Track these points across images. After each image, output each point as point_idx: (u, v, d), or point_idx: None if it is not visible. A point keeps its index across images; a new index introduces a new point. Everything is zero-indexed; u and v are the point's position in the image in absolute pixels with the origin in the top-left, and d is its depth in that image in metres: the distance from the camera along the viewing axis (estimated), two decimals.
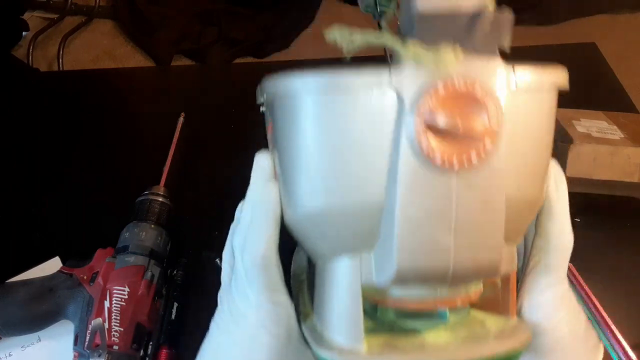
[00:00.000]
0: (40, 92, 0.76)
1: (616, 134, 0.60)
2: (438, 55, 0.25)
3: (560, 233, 0.32)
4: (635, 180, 0.58)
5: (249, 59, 1.58)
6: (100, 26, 1.73)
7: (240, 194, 0.67)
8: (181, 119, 0.63)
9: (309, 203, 0.28)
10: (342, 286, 0.29)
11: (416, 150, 0.25)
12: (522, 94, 0.27)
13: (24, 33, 1.59)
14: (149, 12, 1.61)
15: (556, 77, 0.29)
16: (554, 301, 0.32)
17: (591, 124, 0.62)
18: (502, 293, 0.33)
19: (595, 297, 0.52)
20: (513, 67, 0.26)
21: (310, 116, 0.27)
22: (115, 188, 0.63)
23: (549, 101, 0.30)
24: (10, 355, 0.49)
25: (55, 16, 1.68)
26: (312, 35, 1.70)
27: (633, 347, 0.49)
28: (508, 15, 0.26)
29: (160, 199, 0.54)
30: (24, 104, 0.74)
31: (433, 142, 0.25)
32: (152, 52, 1.61)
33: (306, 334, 0.31)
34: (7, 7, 1.45)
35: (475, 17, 0.25)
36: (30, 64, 1.54)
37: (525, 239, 0.34)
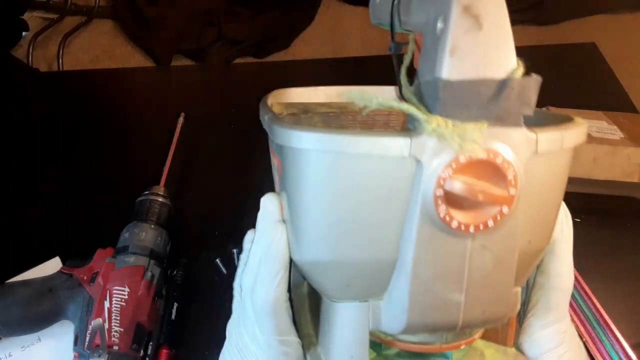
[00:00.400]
0: (40, 92, 0.76)
1: (616, 134, 0.60)
2: (463, 134, 0.24)
3: (562, 274, 0.33)
4: (635, 180, 0.58)
5: (249, 59, 1.58)
6: (100, 26, 1.73)
7: (241, 193, 0.67)
8: (181, 119, 0.63)
9: (317, 253, 0.28)
10: (349, 330, 0.30)
11: (432, 215, 0.25)
12: (541, 158, 0.26)
13: (23, 33, 1.59)
14: (148, 12, 1.61)
15: (577, 136, 0.28)
16: (554, 338, 0.33)
17: (591, 124, 0.62)
18: (501, 325, 0.34)
19: (595, 297, 0.52)
20: (537, 135, 0.26)
21: (324, 174, 0.26)
22: (115, 188, 0.63)
23: (567, 160, 0.29)
24: (10, 355, 0.49)
25: (55, 16, 1.68)
26: (312, 35, 1.70)
27: (633, 347, 0.49)
28: (536, 80, 0.25)
29: (160, 199, 0.54)
30: (24, 104, 0.74)
31: (450, 210, 0.25)
32: (152, 52, 1.61)
33: None
34: (7, 7, 1.45)
35: (502, 85, 0.25)
36: (30, 64, 1.54)
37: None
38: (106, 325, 0.44)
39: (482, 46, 0.24)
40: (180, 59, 1.61)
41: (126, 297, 0.46)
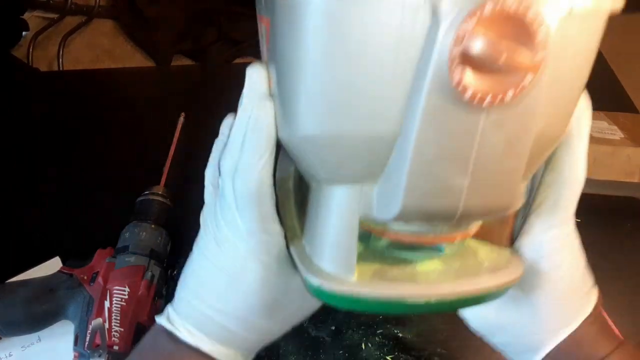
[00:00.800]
0: (40, 92, 0.76)
1: (616, 134, 0.60)
2: None
3: (576, 167, 0.30)
4: (636, 180, 0.58)
5: (250, 59, 1.58)
6: (100, 26, 1.73)
7: None
8: (181, 119, 0.63)
9: (310, 127, 0.24)
10: (338, 216, 0.26)
11: (445, 81, 0.21)
12: (575, 19, 0.22)
13: (24, 33, 1.59)
14: (149, 12, 1.61)
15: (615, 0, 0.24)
16: (556, 242, 0.31)
17: (591, 124, 0.62)
18: (497, 222, 0.31)
19: None
20: None
21: (323, 26, 0.21)
22: (115, 188, 0.63)
23: (600, 27, 0.25)
24: (10, 355, 0.49)
25: (55, 16, 1.68)
26: None
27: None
28: None
29: (161, 199, 0.54)
30: (24, 104, 0.74)
31: (467, 74, 0.21)
32: (152, 52, 1.61)
33: (294, 257, 0.29)
34: (7, 7, 1.45)
35: None
36: (30, 63, 1.54)
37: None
38: (106, 325, 0.45)
39: None
40: (181, 59, 1.61)
41: (126, 297, 0.46)
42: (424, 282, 0.28)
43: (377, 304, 0.27)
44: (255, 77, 0.27)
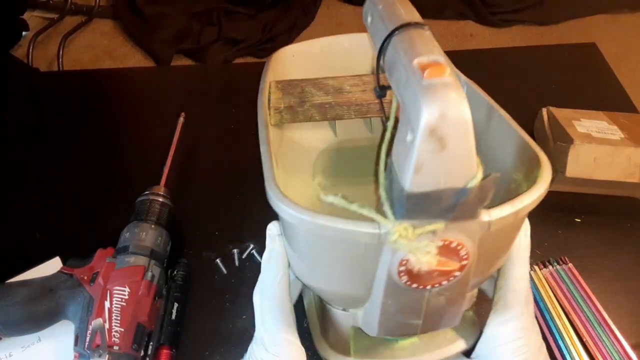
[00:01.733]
0: (40, 92, 0.76)
1: (616, 134, 0.60)
2: (417, 249, 0.28)
3: (519, 279, 0.38)
4: (636, 180, 0.58)
5: (249, 59, 1.58)
6: (100, 26, 1.73)
7: (241, 193, 0.67)
8: (181, 119, 0.63)
9: (302, 277, 0.38)
10: (337, 322, 0.40)
11: (397, 280, 0.30)
12: (495, 230, 0.30)
13: (23, 33, 1.59)
14: (148, 11, 1.61)
15: (532, 203, 0.32)
16: (512, 333, 0.38)
17: (591, 124, 0.62)
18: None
19: (595, 297, 0.52)
20: (490, 219, 0.29)
21: (306, 239, 0.32)
22: (116, 188, 0.63)
23: (520, 221, 0.34)
24: (10, 355, 0.49)
25: (55, 16, 1.68)
26: (312, 35, 1.69)
27: (633, 347, 0.49)
28: (493, 179, 0.27)
29: (161, 199, 0.54)
30: (24, 104, 0.74)
31: (411, 279, 0.30)
32: (152, 52, 1.61)
33: (317, 347, 0.45)
34: (7, 7, 1.44)
35: (461, 193, 0.27)
36: (30, 63, 1.54)
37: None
38: (106, 325, 0.44)
39: (445, 163, 0.26)
40: (180, 58, 1.61)
41: (126, 297, 0.46)
42: (401, 356, 0.42)
43: None
44: (272, 228, 0.38)
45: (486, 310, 0.40)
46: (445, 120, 0.24)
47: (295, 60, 0.56)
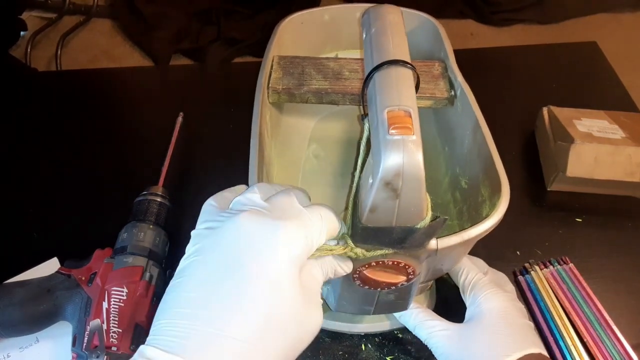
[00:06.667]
0: (39, 92, 0.76)
1: (617, 133, 0.60)
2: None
3: (464, 277, 0.47)
4: (636, 179, 0.58)
5: (248, 58, 1.58)
6: (99, 26, 1.72)
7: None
8: (180, 119, 0.63)
9: None
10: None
11: (351, 282, 0.37)
12: (441, 252, 0.35)
13: (22, 33, 1.59)
14: (147, 11, 1.61)
15: (480, 235, 0.36)
16: (486, 285, 0.45)
17: (592, 124, 0.61)
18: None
19: (596, 297, 0.52)
20: (437, 244, 0.34)
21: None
22: (114, 188, 0.63)
23: (471, 242, 0.38)
24: (8, 356, 0.49)
25: (53, 16, 1.68)
26: None
27: (634, 347, 0.48)
28: (441, 221, 0.31)
29: (159, 199, 0.54)
30: (22, 104, 0.74)
31: (363, 283, 0.37)
32: (150, 52, 1.60)
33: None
34: (5, 7, 1.44)
35: (410, 231, 0.31)
36: (29, 63, 1.54)
37: None
38: (104, 326, 0.44)
39: (397, 208, 0.30)
40: (179, 58, 1.60)
41: (124, 297, 0.46)
42: (360, 322, 0.50)
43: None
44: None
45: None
46: (400, 177, 0.28)
47: (304, 28, 0.58)
